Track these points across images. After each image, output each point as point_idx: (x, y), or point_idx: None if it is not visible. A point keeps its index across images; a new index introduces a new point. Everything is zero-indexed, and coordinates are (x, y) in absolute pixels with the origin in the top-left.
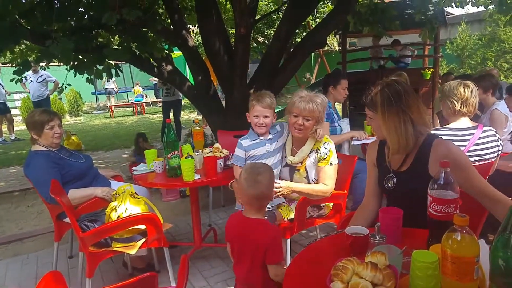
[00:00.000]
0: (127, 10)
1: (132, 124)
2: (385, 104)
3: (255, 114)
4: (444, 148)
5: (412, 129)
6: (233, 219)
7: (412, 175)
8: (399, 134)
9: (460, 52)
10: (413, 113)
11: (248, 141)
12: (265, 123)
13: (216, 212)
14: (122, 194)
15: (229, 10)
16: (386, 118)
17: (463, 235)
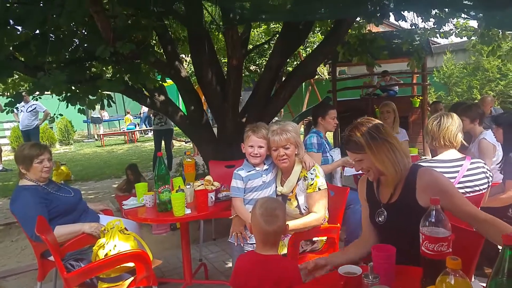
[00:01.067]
0: (121, 44)
1: (124, 153)
2: (370, 140)
3: (250, 144)
4: (429, 175)
5: (400, 155)
6: (247, 259)
7: (402, 206)
8: (393, 162)
9: (447, 80)
10: (394, 140)
11: (244, 172)
12: (259, 153)
13: (207, 246)
14: (111, 230)
15: (222, 40)
16: (375, 152)
17: (456, 278)
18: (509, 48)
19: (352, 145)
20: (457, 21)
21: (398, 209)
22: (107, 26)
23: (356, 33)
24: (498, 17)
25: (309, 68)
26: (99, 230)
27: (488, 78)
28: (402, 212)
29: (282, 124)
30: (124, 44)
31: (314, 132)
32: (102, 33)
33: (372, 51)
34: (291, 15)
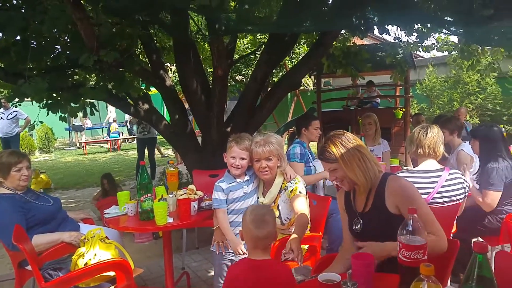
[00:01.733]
0: (105, 52)
1: (106, 161)
2: (342, 150)
3: (232, 155)
4: (396, 183)
5: (370, 165)
6: (240, 267)
7: (375, 214)
8: (364, 171)
9: (429, 93)
10: (364, 150)
11: (225, 184)
12: (241, 165)
13: (190, 254)
14: (92, 239)
15: (208, 50)
16: (347, 162)
17: (429, 284)
18: (487, 63)
19: (326, 155)
20: (438, 36)
21: (371, 217)
22: (91, 34)
23: (341, 46)
24: (477, 33)
25: (295, 79)
26: (79, 239)
27: (468, 92)
28: (376, 219)
29: (265, 136)
30: (108, 53)
31: (298, 143)
32: (86, 41)
33: (356, 64)
34: (276, 27)
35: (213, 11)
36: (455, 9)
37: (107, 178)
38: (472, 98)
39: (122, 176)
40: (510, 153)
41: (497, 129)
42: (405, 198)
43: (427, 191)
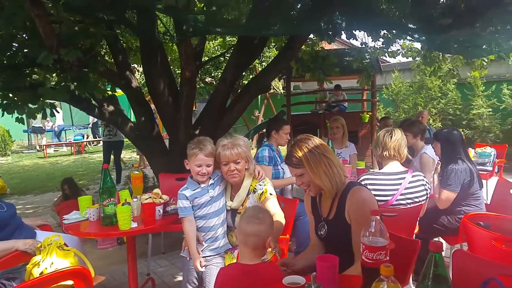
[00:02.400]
0: (66, 50)
1: (69, 165)
2: (308, 156)
3: (198, 163)
4: (355, 196)
5: (336, 170)
6: (231, 271)
7: (338, 222)
8: (330, 177)
9: (395, 97)
10: (331, 156)
11: (189, 191)
12: (207, 172)
13: (156, 260)
14: (48, 247)
15: (176, 51)
16: (313, 167)
17: (389, 284)
18: (448, 70)
19: (292, 160)
20: (403, 42)
21: (335, 225)
22: (50, 31)
23: (310, 50)
24: (438, 41)
25: (264, 82)
26: (35, 247)
27: (431, 97)
28: (339, 228)
29: (232, 138)
30: (69, 51)
31: (266, 145)
32: (45, 38)
33: (324, 68)
34: (245, 29)
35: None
36: (417, 17)
37: (68, 182)
38: (435, 102)
39: (85, 180)
40: (468, 156)
41: (457, 133)
42: (358, 216)
43: (391, 193)
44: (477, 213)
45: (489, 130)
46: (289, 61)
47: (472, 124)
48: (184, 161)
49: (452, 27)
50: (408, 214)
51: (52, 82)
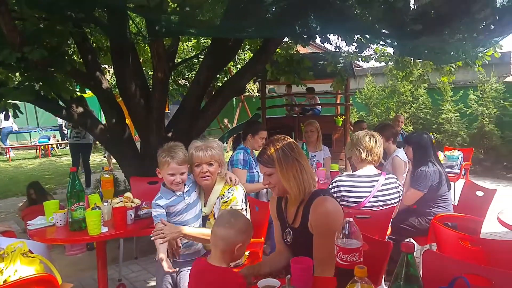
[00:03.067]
0: (30, 49)
1: (35, 168)
2: (281, 157)
3: (171, 172)
4: (320, 207)
5: (306, 177)
6: (197, 267)
7: (304, 231)
8: (299, 182)
9: (368, 101)
10: (304, 161)
11: (164, 200)
12: (181, 180)
13: (127, 265)
14: (11, 254)
15: (148, 52)
16: (284, 169)
17: (362, 285)
18: (419, 75)
19: (265, 158)
20: (376, 47)
21: (300, 234)
22: (12, 28)
23: (284, 53)
24: (409, 46)
25: (238, 85)
26: None
27: (403, 101)
28: (304, 237)
29: (206, 141)
30: (33, 50)
31: (242, 149)
32: (7, 35)
33: (299, 71)
34: (219, 31)
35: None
36: (389, 22)
37: (34, 187)
38: (406, 107)
39: (53, 184)
40: (438, 159)
41: (427, 136)
42: (319, 229)
43: (364, 195)
44: (445, 215)
45: (456, 134)
46: (263, 64)
47: (441, 128)
48: (156, 169)
49: (422, 33)
50: (381, 216)
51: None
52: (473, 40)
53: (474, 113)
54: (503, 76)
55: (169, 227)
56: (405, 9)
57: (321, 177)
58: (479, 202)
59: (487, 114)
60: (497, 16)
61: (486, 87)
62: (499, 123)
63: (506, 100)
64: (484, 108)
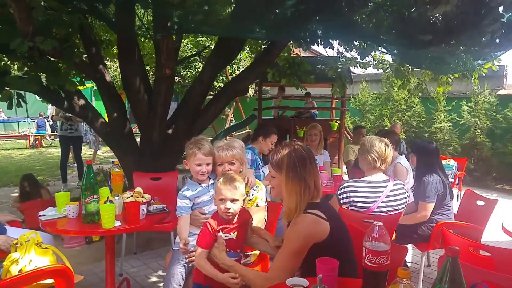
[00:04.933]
0: (42, 39)
1: (25, 159)
2: (291, 169)
3: (197, 163)
4: (296, 221)
5: (308, 197)
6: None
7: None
8: (297, 200)
9: (362, 107)
10: (311, 181)
11: (190, 192)
12: (207, 171)
13: (127, 260)
14: (26, 244)
15: (147, 47)
16: (289, 182)
17: (406, 286)
18: (416, 83)
19: (275, 161)
20: (375, 54)
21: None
22: (26, 17)
23: (286, 56)
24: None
25: (241, 85)
26: (9, 244)
27: (397, 108)
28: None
29: (228, 141)
30: (45, 40)
31: (249, 149)
32: (20, 24)
33: (300, 75)
34: (229, 30)
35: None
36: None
37: (29, 179)
38: (400, 114)
39: (44, 176)
40: (443, 168)
41: (433, 145)
42: (287, 234)
43: (373, 200)
44: (448, 222)
45: (448, 144)
46: (267, 66)
47: (434, 137)
48: (183, 161)
49: (431, 43)
50: (388, 221)
51: (14, 70)
52: (478, 52)
53: (467, 123)
54: (496, 89)
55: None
56: (417, 20)
57: (324, 180)
58: (479, 211)
59: (479, 126)
60: (504, 30)
61: (479, 99)
62: (490, 134)
63: (498, 112)
64: (476, 119)
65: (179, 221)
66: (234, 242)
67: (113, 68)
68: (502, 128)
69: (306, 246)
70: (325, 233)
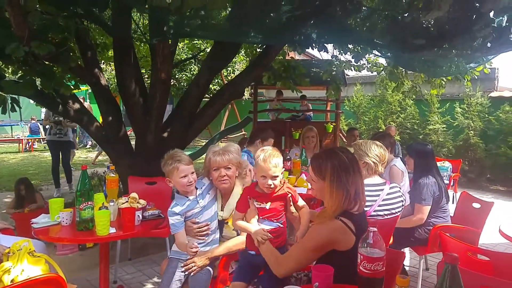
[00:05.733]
0: (38, 43)
1: (17, 163)
2: (335, 178)
3: (183, 175)
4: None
5: (346, 203)
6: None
7: None
8: (337, 206)
9: (356, 109)
10: (352, 190)
11: (179, 207)
12: (194, 180)
13: (121, 266)
14: (18, 252)
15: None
16: (333, 190)
17: None
18: (410, 86)
19: (317, 166)
20: (369, 57)
21: None
22: (22, 22)
23: (281, 59)
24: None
25: (238, 89)
26: (1, 253)
27: (391, 111)
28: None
29: (224, 145)
30: (41, 44)
31: (245, 152)
32: (16, 29)
33: (295, 78)
34: (225, 35)
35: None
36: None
37: (25, 183)
38: (394, 116)
39: (37, 180)
40: (439, 171)
41: (429, 148)
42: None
43: (370, 203)
44: (445, 225)
45: (442, 145)
46: (263, 70)
47: (428, 138)
48: (166, 180)
49: (424, 47)
50: (386, 225)
51: (8, 74)
52: (469, 56)
53: (460, 125)
54: (488, 91)
55: (197, 258)
56: (411, 24)
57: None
58: (476, 214)
59: (473, 127)
60: (495, 35)
61: (472, 101)
62: (483, 136)
63: (490, 114)
64: (470, 121)
65: (176, 239)
66: (266, 211)
67: (108, 71)
68: (495, 130)
69: (324, 248)
70: (348, 245)
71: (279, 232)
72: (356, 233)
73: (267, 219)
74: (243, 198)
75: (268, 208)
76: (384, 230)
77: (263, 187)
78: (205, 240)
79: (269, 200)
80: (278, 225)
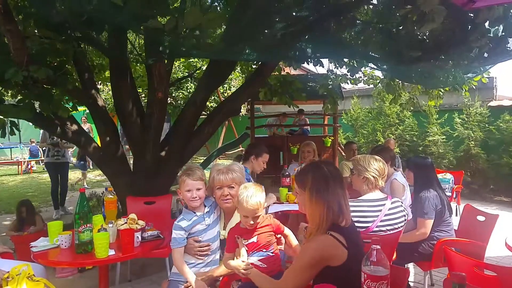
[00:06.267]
0: (36, 67)
1: (17, 185)
2: (314, 190)
3: (187, 189)
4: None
5: (330, 218)
6: None
7: None
8: (319, 220)
9: (354, 123)
10: (334, 203)
11: (185, 222)
12: (198, 196)
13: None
14: (17, 277)
15: (138, 71)
16: (313, 203)
17: None
18: (408, 98)
19: (299, 178)
20: (365, 70)
21: None
22: (21, 47)
23: (277, 75)
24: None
25: (235, 105)
26: (0, 278)
27: (389, 123)
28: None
29: (228, 165)
30: (39, 68)
31: None
32: (15, 54)
33: (291, 92)
34: (220, 53)
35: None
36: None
37: (26, 205)
38: (392, 129)
39: (37, 202)
40: (440, 184)
41: (429, 161)
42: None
43: (372, 219)
44: (449, 239)
45: (443, 157)
46: (259, 86)
47: (428, 150)
48: (177, 191)
49: (420, 59)
50: (388, 241)
51: (7, 97)
52: (467, 66)
53: (460, 136)
54: (487, 101)
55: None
56: (406, 37)
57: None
58: (480, 227)
59: (473, 138)
60: (492, 45)
61: (471, 111)
62: (485, 146)
63: (490, 124)
64: (470, 131)
65: (173, 254)
66: (255, 244)
67: (105, 91)
68: (496, 140)
69: (318, 264)
70: (341, 260)
71: (270, 260)
72: (348, 247)
73: (257, 250)
74: (230, 238)
75: (256, 241)
76: (387, 246)
77: (246, 225)
78: (204, 260)
79: (255, 233)
80: (268, 254)
